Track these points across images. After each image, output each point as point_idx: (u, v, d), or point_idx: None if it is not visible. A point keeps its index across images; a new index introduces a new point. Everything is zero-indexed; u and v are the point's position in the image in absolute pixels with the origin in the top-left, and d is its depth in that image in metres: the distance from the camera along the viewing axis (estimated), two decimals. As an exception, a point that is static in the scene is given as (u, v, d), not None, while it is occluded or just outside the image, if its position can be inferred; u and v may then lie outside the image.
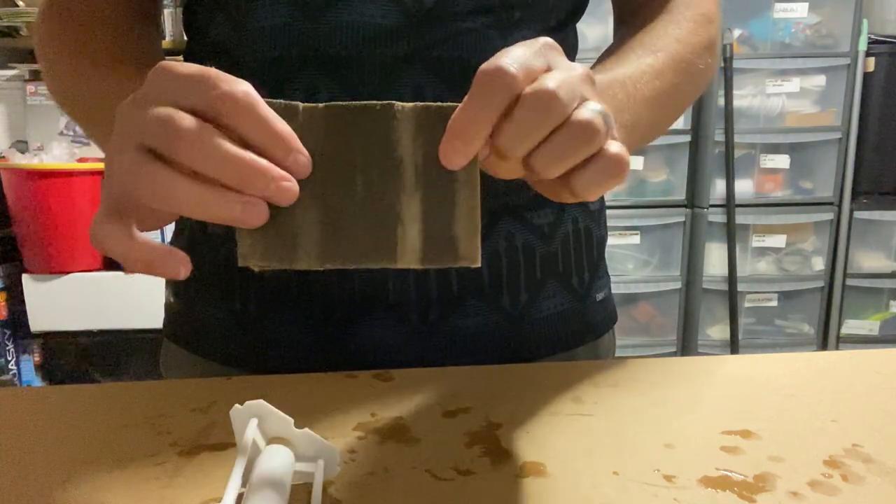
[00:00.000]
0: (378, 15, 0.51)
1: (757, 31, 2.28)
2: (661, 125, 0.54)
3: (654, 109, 0.50)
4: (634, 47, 0.53)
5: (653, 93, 0.49)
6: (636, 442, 0.43)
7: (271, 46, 0.52)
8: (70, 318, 1.95)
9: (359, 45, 0.51)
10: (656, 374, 0.54)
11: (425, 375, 0.53)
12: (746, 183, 2.35)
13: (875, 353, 0.58)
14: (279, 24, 0.52)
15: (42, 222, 1.85)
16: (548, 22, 0.58)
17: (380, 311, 0.56)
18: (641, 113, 0.48)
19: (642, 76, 0.49)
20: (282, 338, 0.57)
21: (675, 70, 0.52)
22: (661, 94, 0.50)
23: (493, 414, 0.47)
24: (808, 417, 0.47)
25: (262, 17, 0.52)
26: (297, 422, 0.36)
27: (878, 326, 2.42)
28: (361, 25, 0.51)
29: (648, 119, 0.49)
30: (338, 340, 0.56)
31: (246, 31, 0.53)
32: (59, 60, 0.56)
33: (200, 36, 0.59)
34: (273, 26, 0.52)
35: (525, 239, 0.58)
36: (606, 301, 0.66)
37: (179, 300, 0.63)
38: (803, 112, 2.31)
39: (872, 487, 0.38)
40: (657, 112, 0.50)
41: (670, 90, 0.51)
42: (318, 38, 0.51)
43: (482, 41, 0.53)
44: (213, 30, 0.56)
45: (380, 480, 0.39)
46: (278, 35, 0.52)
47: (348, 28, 0.51)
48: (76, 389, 0.53)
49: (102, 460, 0.42)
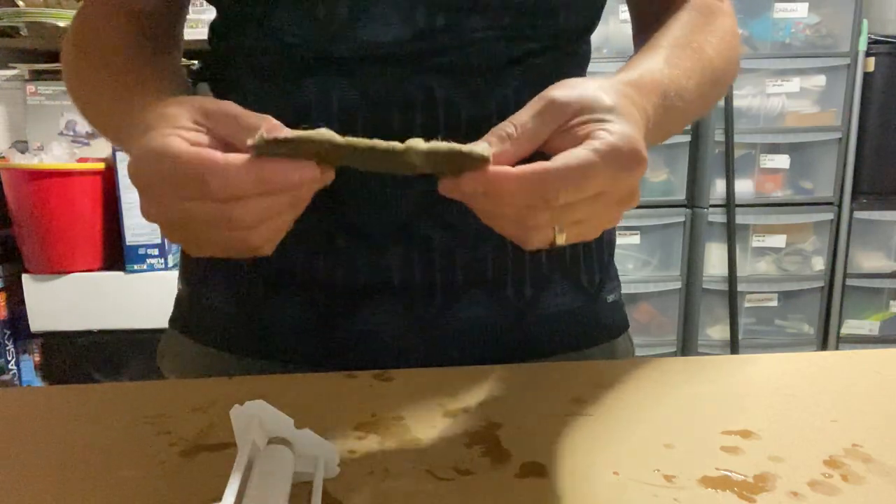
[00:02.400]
0: (392, 33, 0.53)
1: (757, 31, 2.28)
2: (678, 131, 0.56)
3: (681, 121, 0.52)
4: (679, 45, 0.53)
5: (686, 106, 0.50)
6: (636, 442, 0.43)
7: (289, 53, 0.54)
8: (70, 318, 1.94)
9: (372, 54, 0.53)
10: (656, 374, 0.54)
11: (425, 375, 0.53)
12: (746, 183, 2.35)
13: (875, 353, 0.58)
14: (297, 36, 0.54)
15: (42, 222, 1.85)
16: (558, 40, 0.58)
17: (383, 298, 0.56)
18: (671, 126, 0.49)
19: (683, 91, 0.49)
20: (285, 322, 0.58)
21: (712, 84, 0.53)
22: (691, 107, 0.51)
23: (493, 414, 0.47)
24: (808, 417, 0.47)
25: (284, 32, 0.54)
26: (297, 422, 0.36)
27: (878, 326, 2.41)
28: (376, 41, 0.53)
29: (674, 129, 0.51)
30: (340, 326, 0.57)
31: (265, 39, 0.55)
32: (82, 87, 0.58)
33: (223, 40, 0.61)
34: (290, 36, 0.54)
35: None
36: (617, 303, 0.66)
37: (188, 287, 0.64)
38: (803, 112, 2.31)
39: (872, 487, 0.38)
40: (682, 122, 0.52)
41: (701, 103, 0.53)
42: (333, 49, 0.53)
43: (492, 49, 0.54)
44: (237, 38, 0.58)
45: (380, 480, 0.39)
46: (295, 45, 0.54)
47: (364, 42, 0.53)
48: (76, 389, 0.53)
49: (102, 460, 0.42)
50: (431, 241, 0.55)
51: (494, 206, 0.39)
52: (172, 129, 0.39)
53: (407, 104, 0.53)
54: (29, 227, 1.87)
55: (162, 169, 0.38)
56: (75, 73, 0.59)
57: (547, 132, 0.40)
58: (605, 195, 0.39)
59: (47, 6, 1.85)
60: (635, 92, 0.44)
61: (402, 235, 0.55)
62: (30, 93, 1.97)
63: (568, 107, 0.40)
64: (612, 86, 0.43)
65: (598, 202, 0.39)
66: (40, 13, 1.84)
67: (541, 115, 0.40)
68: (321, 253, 0.56)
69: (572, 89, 0.41)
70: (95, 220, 1.89)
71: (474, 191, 0.38)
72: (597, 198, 0.38)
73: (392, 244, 0.55)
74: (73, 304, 1.93)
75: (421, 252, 0.56)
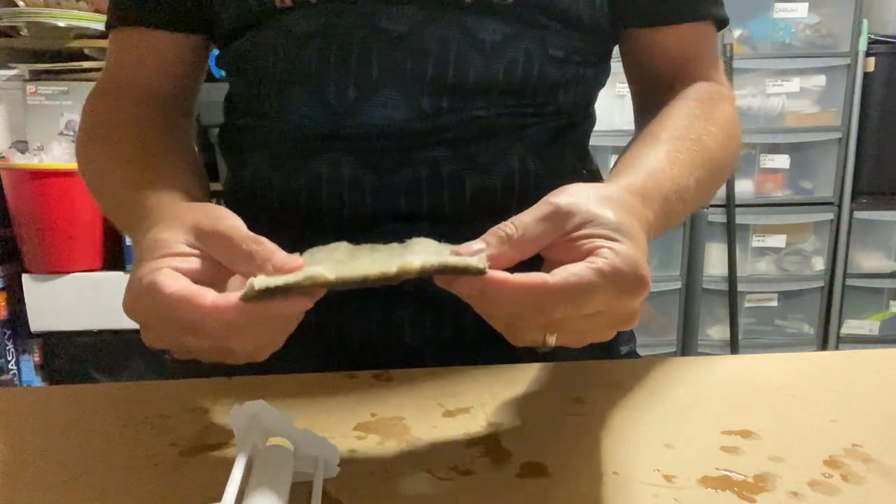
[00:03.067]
0: (398, 116, 0.55)
1: (757, 31, 2.28)
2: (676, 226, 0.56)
3: (681, 217, 0.52)
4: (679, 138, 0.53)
5: (685, 207, 0.50)
6: (636, 442, 0.43)
7: (301, 132, 0.57)
8: (70, 318, 1.94)
9: (379, 133, 0.55)
10: (656, 374, 0.54)
11: (425, 375, 0.53)
12: (746, 183, 2.35)
13: (875, 353, 0.58)
14: (309, 117, 0.56)
15: (42, 222, 1.85)
16: (559, 120, 0.60)
17: (396, 354, 0.58)
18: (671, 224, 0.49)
19: (684, 191, 0.49)
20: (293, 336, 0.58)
21: (711, 176, 0.54)
22: (691, 203, 0.51)
23: (493, 414, 0.47)
24: (808, 417, 0.47)
25: (296, 113, 0.56)
26: (297, 422, 0.36)
27: (878, 326, 2.41)
28: (382, 122, 0.55)
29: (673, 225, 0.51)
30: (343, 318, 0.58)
31: (278, 118, 0.58)
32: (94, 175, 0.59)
33: (238, 112, 0.63)
34: (302, 117, 0.56)
35: None
36: (630, 355, 0.67)
37: None
38: (803, 112, 2.30)
39: (872, 487, 0.38)
40: (681, 218, 0.52)
41: (700, 196, 0.53)
42: (342, 128, 0.55)
43: (495, 124, 0.56)
44: (251, 116, 0.61)
45: (380, 480, 0.39)
46: (308, 125, 0.56)
47: (371, 123, 0.55)
48: (76, 389, 0.53)
49: (102, 460, 0.42)
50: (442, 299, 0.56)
51: (487, 308, 0.38)
52: (164, 260, 0.39)
53: (414, 178, 0.55)
54: (29, 227, 1.87)
55: (157, 306, 0.38)
56: (87, 160, 0.60)
57: (549, 239, 0.39)
58: (602, 315, 0.38)
59: (47, 6, 1.84)
60: (639, 202, 0.44)
61: (413, 294, 0.57)
62: (30, 93, 1.97)
63: (573, 216, 0.39)
64: (618, 197, 0.42)
65: (593, 321, 0.38)
66: (40, 13, 1.84)
67: (545, 220, 0.39)
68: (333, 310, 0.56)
69: (577, 198, 0.40)
70: (95, 220, 1.89)
71: (469, 294, 0.37)
72: (593, 317, 0.38)
73: (404, 303, 0.57)
74: (73, 304, 1.93)
75: (432, 312, 0.57)
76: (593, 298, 0.36)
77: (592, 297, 0.36)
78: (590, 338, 0.40)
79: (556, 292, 0.36)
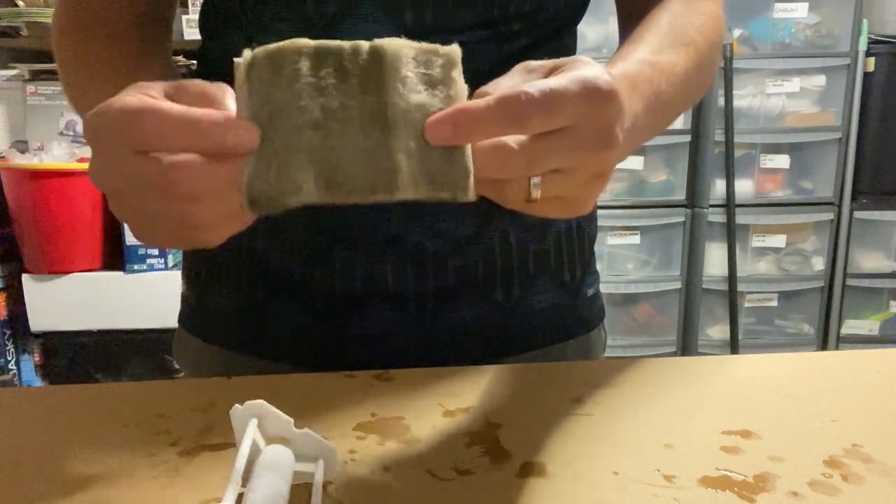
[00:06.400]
0: (381, 32, 0.52)
1: (757, 31, 2.28)
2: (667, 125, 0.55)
3: (669, 114, 0.51)
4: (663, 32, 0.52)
5: (672, 97, 0.49)
6: (636, 442, 0.43)
7: None
8: (70, 318, 1.95)
9: None
10: (656, 374, 0.54)
11: (425, 375, 0.53)
12: (746, 183, 2.35)
13: (875, 353, 0.58)
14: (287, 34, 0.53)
15: (42, 222, 1.85)
16: (545, 30, 0.59)
17: (379, 301, 0.57)
18: (658, 122, 0.48)
19: (670, 77, 0.48)
20: (285, 325, 0.59)
21: (699, 68, 0.53)
22: (679, 95, 0.50)
23: (493, 414, 0.47)
24: (808, 417, 0.47)
25: (272, 33, 0.54)
26: (297, 422, 0.36)
27: (878, 326, 2.41)
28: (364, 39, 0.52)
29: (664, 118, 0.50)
30: (339, 328, 0.58)
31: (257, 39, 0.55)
32: (72, 69, 0.58)
33: (214, 41, 0.61)
34: (281, 33, 0.53)
35: (519, 236, 0.59)
36: (596, 296, 0.68)
37: (192, 290, 0.66)
38: (803, 112, 2.30)
39: (872, 487, 0.38)
40: (671, 115, 0.52)
41: (688, 87, 0.52)
42: None
43: (480, 51, 0.54)
44: (227, 37, 0.59)
45: (380, 480, 0.39)
46: None
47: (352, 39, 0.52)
48: (76, 389, 0.53)
49: (102, 460, 0.42)
50: (424, 248, 0.57)
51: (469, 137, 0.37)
52: (136, 90, 0.38)
53: None
54: (29, 227, 1.88)
55: (110, 115, 0.36)
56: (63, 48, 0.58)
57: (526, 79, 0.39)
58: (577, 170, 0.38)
59: (47, 6, 1.85)
60: (628, 85, 0.43)
61: (396, 244, 0.56)
62: (30, 93, 1.97)
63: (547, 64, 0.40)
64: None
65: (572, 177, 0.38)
66: (40, 13, 1.84)
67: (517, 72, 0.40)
68: (318, 263, 0.57)
69: None
70: (95, 220, 1.89)
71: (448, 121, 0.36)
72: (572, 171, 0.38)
73: (386, 253, 0.56)
74: (73, 304, 1.93)
75: (414, 259, 0.57)
76: (565, 103, 0.36)
77: (564, 100, 0.36)
78: (570, 204, 0.40)
79: (530, 98, 0.35)
